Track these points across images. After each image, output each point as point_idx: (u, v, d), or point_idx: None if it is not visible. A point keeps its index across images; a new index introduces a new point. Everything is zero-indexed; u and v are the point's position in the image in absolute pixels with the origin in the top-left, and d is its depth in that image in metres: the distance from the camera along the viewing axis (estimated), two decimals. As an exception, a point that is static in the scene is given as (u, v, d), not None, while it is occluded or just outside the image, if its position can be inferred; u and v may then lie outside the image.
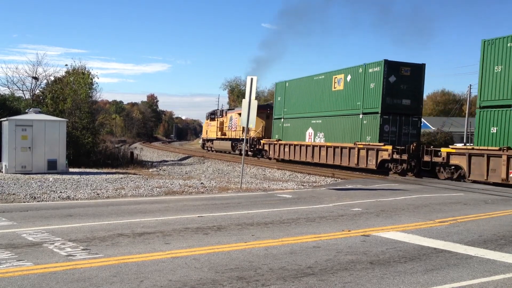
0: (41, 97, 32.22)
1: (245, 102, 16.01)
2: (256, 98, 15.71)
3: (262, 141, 36.85)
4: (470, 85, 65.97)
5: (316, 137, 29.15)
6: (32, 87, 33.36)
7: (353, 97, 26.03)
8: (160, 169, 27.76)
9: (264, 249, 6.91)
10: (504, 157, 17.60)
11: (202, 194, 14.18)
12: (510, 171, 17.73)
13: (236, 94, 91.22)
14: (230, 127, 45.67)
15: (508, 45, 18.41)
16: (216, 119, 49.70)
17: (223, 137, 47.22)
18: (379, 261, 6.38)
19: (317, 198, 13.23)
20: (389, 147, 22.94)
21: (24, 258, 6.14)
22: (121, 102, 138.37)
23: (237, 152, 43.42)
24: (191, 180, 18.09)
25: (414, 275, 5.76)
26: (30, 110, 22.02)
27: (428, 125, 54.07)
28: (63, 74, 32.76)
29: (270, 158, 34.63)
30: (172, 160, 40.88)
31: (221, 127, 48.09)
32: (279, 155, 33.08)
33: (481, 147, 19.06)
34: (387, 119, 24.28)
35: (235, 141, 43.89)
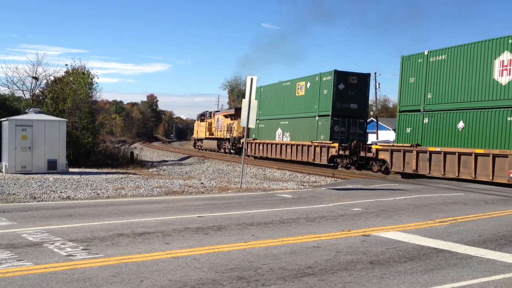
0: (41, 97, 32.24)
1: (245, 102, 16.03)
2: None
3: (241, 140, 40.23)
4: None
5: (284, 136, 33.14)
6: (32, 87, 33.39)
7: (311, 102, 30.04)
8: (160, 169, 27.77)
9: (264, 249, 6.91)
10: (414, 152, 21.57)
11: (202, 194, 14.19)
12: (420, 163, 21.49)
13: (236, 94, 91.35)
14: (217, 128, 49.39)
15: (419, 61, 22.24)
16: (205, 120, 53.82)
17: (210, 136, 51.22)
18: (379, 261, 6.38)
19: (317, 198, 13.23)
20: (336, 145, 27.01)
21: (24, 258, 6.14)
22: (121, 102, 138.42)
23: (222, 150, 47.14)
24: (191, 180, 18.09)
25: (414, 275, 5.76)
26: (30, 110, 22.03)
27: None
28: (63, 74, 32.80)
29: (248, 156, 38.24)
30: (172, 160, 40.89)
31: (209, 128, 52.23)
32: (255, 153, 37.16)
33: (399, 144, 22.85)
34: (337, 121, 28.29)
35: (220, 140, 47.72)
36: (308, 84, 30.70)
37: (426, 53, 22.02)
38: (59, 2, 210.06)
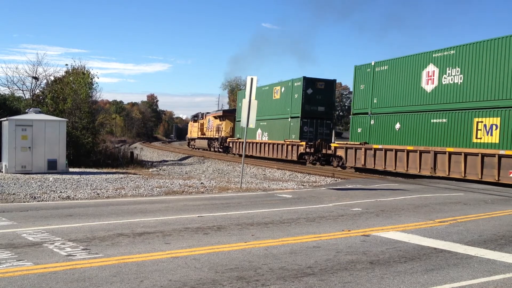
0: (41, 97, 32.25)
1: (245, 102, 16.03)
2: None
3: (228, 140, 44.99)
4: None
5: (263, 136, 37.00)
6: (32, 87, 33.39)
7: (285, 105, 33.39)
8: (160, 169, 27.77)
9: (264, 249, 6.91)
10: (363, 149, 24.98)
11: (202, 194, 14.18)
12: (367, 159, 24.72)
13: (236, 94, 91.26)
14: (208, 128, 53.25)
15: (367, 70, 25.47)
16: (197, 121, 57.86)
17: (202, 136, 55.22)
18: (379, 261, 6.38)
19: (317, 198, 13.23)
20: (304, 143, 30.54)
21: (24, 258, 6.14)
22: (121, 102, 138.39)
23: (212, 149, 51.09)
24: (191, 180, 18.09)
25: (414, 275, 5.76)
26: (30, 110, 22.03)
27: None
28: (63, 74, 32.80)
29: (234, 154, 42.19)
30: (172, 160, 40.89)
31: (201, 128, 56.12)
32: (239, 151, 40.78)
33: (351, 142, 26.25)
34: (306, 122, 31.67)
35: (210, 140, 51.94)
36: (283, 89, 34.15)
37: (373, 63, 25.29)
38: (59, 2, 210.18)
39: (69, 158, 23.04)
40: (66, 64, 37.49)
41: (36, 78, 33.01)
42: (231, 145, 43.91)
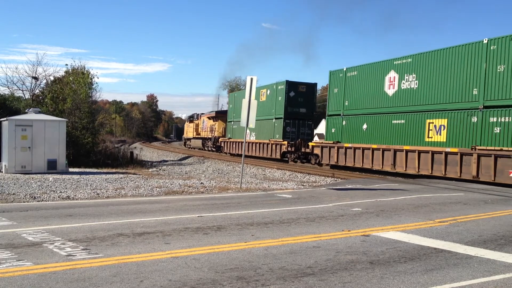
0: (41, 97, 32.25)
1: (245, 102, 16.05)
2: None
3: (220, 139, 47.55)
4: None
5: (251, 136, 38.96)
6: (32, 87, 33.40)
7: (270, 106, 35.78)
8: (160, 169, 27.77)
9: (264, 249, 6.91)
10: (336, 148, 27.43)
11: (202, 194, 14.18)
12: (339, 156, 27.06)
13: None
14: (202, 129, 56.10)
15: (340, 75, 27.93)
16: (193, 121, 60.77)
17: (197, 136, 58.22)
18: (379, 261, 6.38)
19: (317, 198, 13.23)
20: (286, 142, 32.99)
21: (24, 258, 6.14)
22: (121, 102, 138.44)
23: (205, 148, 54.20)
24: (191, 180, 18.09)
25: (414, 275, 5.76)
26: (30, 110, 22.03)
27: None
28: (63, 74, 32.80)
29: (226, 153, 44.53)
30: (172, 160, 40.89)
31: (196, 128, 59.11)
32: (230, 150, 43.45)
33: (326, 141, 28.74)
34: (289, 123, 33.90)
35: (204, 140, 55.06)
36: (268, 92, 36.58)
37: (344, 69, 27.74)
38: (59, 2, 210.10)
39: (69, 158, 23.04)
40: (66, 64, 37.53)
41: (36, 78, 33.03)
42: (222, 144, 46.46)
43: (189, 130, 63.43)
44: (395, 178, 21.89)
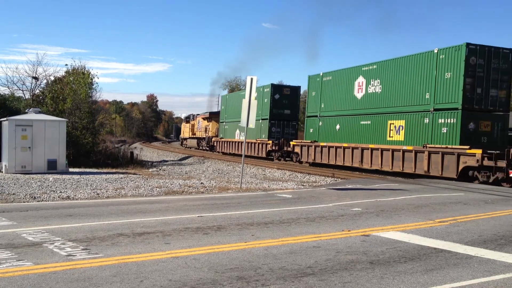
0: (41, 97, 32.24)
1: (245, 102, 16.04)
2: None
3: (213, 139, 50.43)
4: None
5: (240, 135, 41.15)
6: (32, 87, 33.39)
7: (258, 109, 36.45)
8: (160, 169, 27.77)
9: (264, 249, 6.91)
10: (313, 146, 29.88)
11: (202, 194, 14.18)
12: (316, 154, 29.50)
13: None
14: (197, 129, 59.11)
15: (317, 79, 30.36)
16: (189, 122, 63.74)
17: (193, 136, 61.07)
18: (379, 261, 6.38)
19: (317, 198, 13.23)
20: (270, 142, 35.57)
21: (24, 258, 6.14)
22: (121, 102, 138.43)
23: (200, 148, 56.59)
24: (191, 180, 18.09)
25: (414, 275, 5.76)
26: (30, 110, 22.02)
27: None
28: (63, 74, 32.79)
29: (218, 152, 46.93)
30: (172, 160, 40.89)
31: (192, 128, 61.90)
32: (222, 149, 46.07)
33: (305, 141, 31.39)
34: (274, 123, 36.37)
35: (199, 139, 57.95)
36: (256, 94, 36.84)
37: (321, 74, 30.11)
38: (59, 2, 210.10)
39: (69, 158, 23.04)
40: (66, 64, 37.52)
41: (36, 78, 33.02)
42: (215, 144, 49.15)
43: (185, 130, 66.27)
44: (395, 178, 21.90)
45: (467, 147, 19.50)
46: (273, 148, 35.24)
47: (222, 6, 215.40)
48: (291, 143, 33.02)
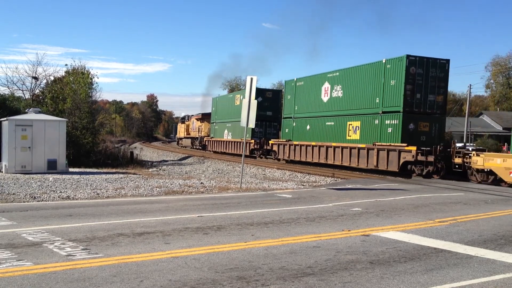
0: (41, 97, 32.24)
1: (245, 102, 16.04)
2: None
3: (205, 139, 54.05)
4: (470, 85, 66.74)
5: (228, 135, 44.42)
6: (32, 87, 33.39)
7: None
8: (160, 169, 27.78)
9: (264, 249, 6.91)
10: (288, 145, 32.84)
11: (202, 194, 14.18)
12: (290, 152, 32.28)
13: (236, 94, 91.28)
14: (192, 129, 62.50)
15: (292, 84, 33.14)
16: (184, 122, 67.36)
17: (188, 136, 64.67)
18: (379, 261, 6.38)
19: (317, 198, 13.23)
20: (253, 141, 38.26)
21: (24, 258, 6.14)
22: (121, 102, 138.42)
23: (194, 147, 60.01)
24: (191, 180, 18.09)
25: (414, 275, 5.76)
26: (30, 110, 22.01)
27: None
28: (63, 74, 32.77)
29: (210, 151, 50.25)
30: (172, 160, 40.90)
31: (187, 129, 65.49)
32: (212, 148, 49.53)
33: (281, 140, 34.41)
34: (257, 124, 36.36)
35: (193, 139, 61.52)
36: (241, 97, 39.79)
37: (295, 79, 32.80)
38: (59, 2, 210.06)
39: (69, 158, 23.03)
40: (66, 64, 37.45)
41: (36, 78, 33.02)
42: (207, 143, 52.37)
43: (181, 130, 70.21)
44: (395, 178, 21.91)
45: (405, 144, 22.35)
46: (255, 146, 38.30)
47: (222, 6, 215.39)
48: (270, 142, 35.82)
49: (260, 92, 38.77)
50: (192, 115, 64.12)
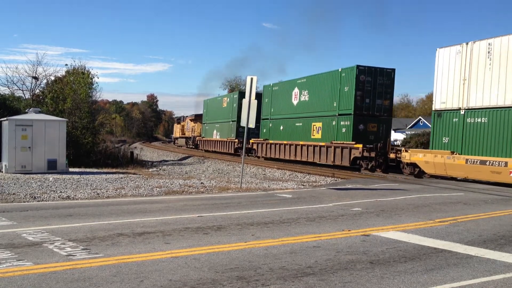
0: (41, 97, 32.22)
1: (245, 102, 16.03)
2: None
3: (197, 138, 58.06)
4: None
5: (217, 135, 48.34)
6: (32, 87, 33.38)
7: (228, 111, 44.85)
8: (160, 169, 27.78)
9: (264, 249, 6.91)
10: (265, 144, 36.09)
11: (202, 194, 14.18)
12: (267, 150, 35.61)
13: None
14: (186, 129, 66.74)
15: (269, 88, 36.74)
16: (180, 123, 71.58)
17: (183, 135, 68.97)
18: (379, 261, 6.38)
19: (317, 198, 13.23)
20: (237, 140, 41.33)
21: (24, 258, 6.14)
22: (121, 102, 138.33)
23: (188, 146, 63.65)
24: (191, 180, 18.09)
25: (414, 275, 5.76)
26: (30, 110, 22.01)
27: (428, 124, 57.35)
28: (63, 73, 32.77)
29: (201, 149, 53.75)
30: (172, 160, 40.91)
31: (182, 129, 69.70)
32: (203, 147, 53.36)
33: (260, 139, 37.41)
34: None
35: (187, 139, 65.73)
36: (228, 99, 45.62)
37: (271, 84, 36.77)
38: (59, 2, 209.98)
39: (69, 158, 23.03)
40: (66, 64, 37.49)
41: (36, 78, 33.01)
42: (199, 142, 56.30)
43: (177, 131, 74.01)
44: (395, 178, 21.91)
45: (354, 142, 25.76)
46: (239, 145, 41.26)
47: (222, 6, 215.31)
48: (251, 141, 38.70)
49: (242, 94, 42.28)
50: (187, 116, 67.90)
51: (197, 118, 59.59)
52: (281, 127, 33.81)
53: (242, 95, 40.95)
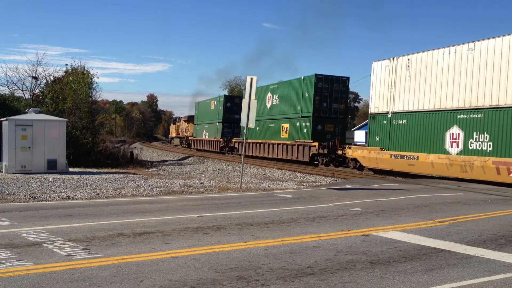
0: (41, 97, 32.22)
1: (245, 102, 16.03)
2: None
3: (189, 138, 62.60)
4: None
5: (206, 135, 52.84)
6: (32, 87, 33.40)
7: (215, 113, 49.00)
8: (160, 169, 27.78)
9: (264, 249, 6.91)
10: (247, 143, 36.17)
11: (202, 194, 14.18)
12: (247, 149, 37.05)
13: (236, 94, 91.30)
14: (181, 129, 70.37)
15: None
16: (175, 123, 76.16)
17: (177, 136, 73.13)
18: (379, 261, 6.38)
19: (317, 197, 13.23)
20: (222, 140, 45.81)
21: (24, 258, 6.14)
22: (121, 102, 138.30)
23: (182, 145, 67.55)
24: (191, 180, 18.09)
25: (414, 275, 5.76)
26: (30, 110, 22.01)
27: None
28: (63, 74, 32.76)
29: (194, 149, 57.23)
30: (172, 160, 40.91)
31: (177, 129, 73.68)
32: (195, 146, 57.66)
33: (240, 139, 40.94)
34: (226, 125, 46.51)
35: (181, 138, 69.83)
36: (215, 102, 49.72)
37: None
38: (59, 2, 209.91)
39: (69, 158, 23.02)
40: (66, 64, 37.51)
41: (36, 78, 33.03)
42: (191, 142, 60.56)
43: (172, 131, 78.31)
44: (395, 178, 21.92)
45: (312, 141, 29.53)
46: (223, 144, 45.18)
47: (222, 6, 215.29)
48: (233, 140, 42.79)
49: (229, 98, 48.18)
50: (181, 117, 72.66)
51: (190, 119, 63.77)
52: (257, 128, 36.65)
53: (227, 98, 48.02)
